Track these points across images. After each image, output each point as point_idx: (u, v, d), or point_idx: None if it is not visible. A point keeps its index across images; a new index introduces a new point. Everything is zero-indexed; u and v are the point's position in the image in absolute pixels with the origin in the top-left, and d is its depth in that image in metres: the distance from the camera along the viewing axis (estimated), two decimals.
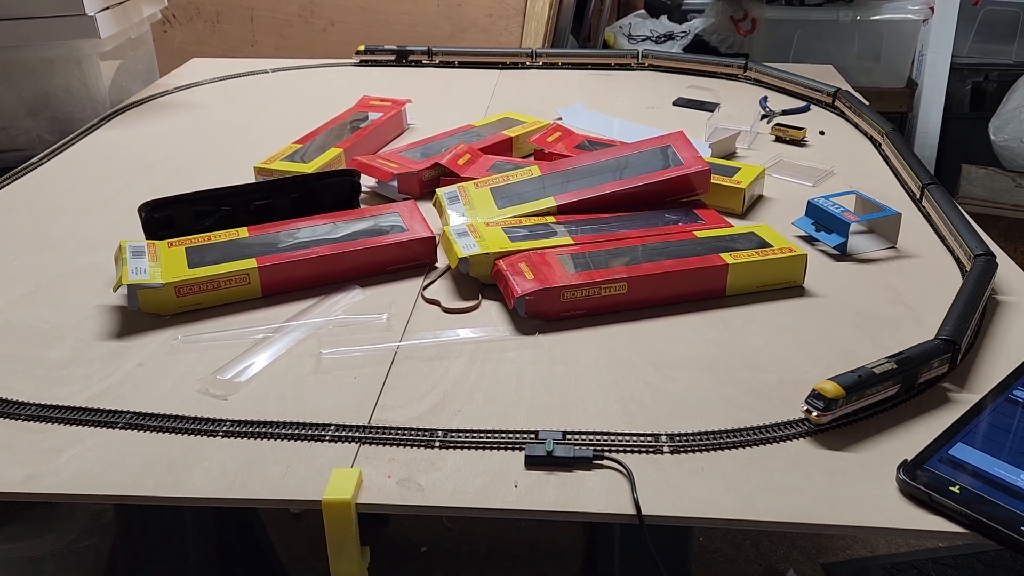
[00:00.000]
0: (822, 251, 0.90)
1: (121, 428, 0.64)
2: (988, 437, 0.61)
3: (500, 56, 1.57)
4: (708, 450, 0.61)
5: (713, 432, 0.62)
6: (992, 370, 0.69)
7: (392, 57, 1.56)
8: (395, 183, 1.02)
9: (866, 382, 0.62)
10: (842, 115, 1.07)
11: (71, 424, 0.64)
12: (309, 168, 1.02)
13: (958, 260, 0.87)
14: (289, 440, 0.62)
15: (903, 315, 0.78)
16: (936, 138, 2.15)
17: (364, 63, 1.58)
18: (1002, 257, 0.85)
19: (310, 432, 0.62)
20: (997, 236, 1.89)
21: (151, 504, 0.59)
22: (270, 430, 0.63)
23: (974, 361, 0.71)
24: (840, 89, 1.30)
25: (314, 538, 0.57)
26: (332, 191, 0.93)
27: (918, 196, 0.98)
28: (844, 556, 1.47)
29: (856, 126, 0.99)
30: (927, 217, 0.97)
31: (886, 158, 1.08)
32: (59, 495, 0.59)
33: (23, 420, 0.65)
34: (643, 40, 2.08)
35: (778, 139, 1.21)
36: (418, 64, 1.55)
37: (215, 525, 0.84)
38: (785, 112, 1.30)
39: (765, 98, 1.33)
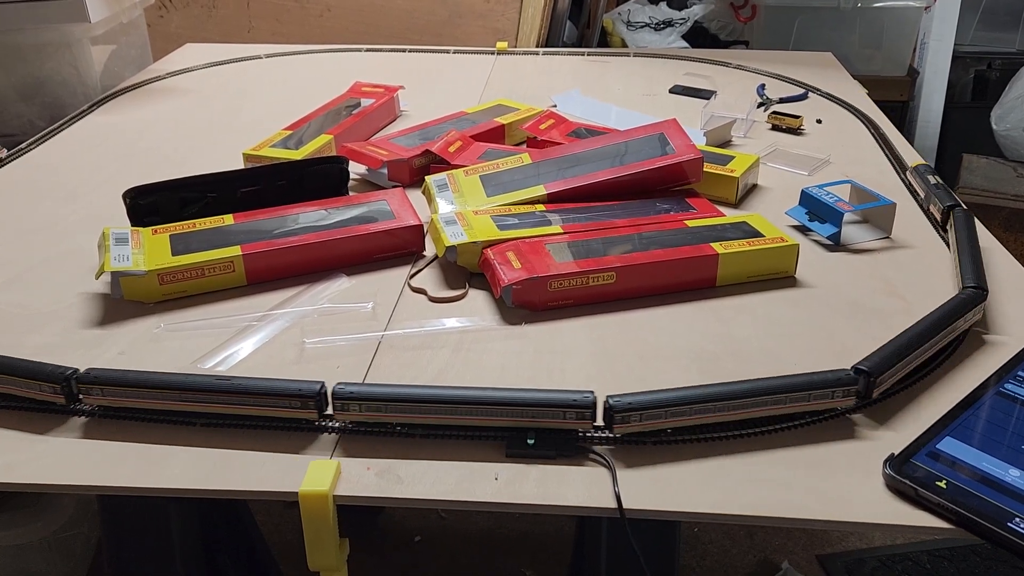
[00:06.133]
0: (815, 241, 0.89)
1: (100, 416, 0.63)
2: (977, 432, 0.60)
3: None
4: (692, 442, 0.60)
5: (697, 424, 0.61)
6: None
7: None
8: (385, 170, 1.01)
9: None
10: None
11: (50, 412, 0.63)
12: (298, 155, 1.01)
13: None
14: (269, 430, 0.61)
15: (895, 306, 0.77)
16: (937, 127, 2.13)
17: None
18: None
19: (290, 422, 0.61)
20: (997, 227, 1.88)
21: (131, 494, 0.58)
22: (250, 420, 0.62)
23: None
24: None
25: None
26: (320, 178, 0.92)
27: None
28: (839, 548, 1.46)
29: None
30: (922, 208, 0.96)
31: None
32: (37, 484, 0.58)
33: (1, 408, 0.64)
34: (641, 27, 2.06)
35: (774, 127, 1.20)
36: None
37: (199, 514, 0.84)
38: (782, 100, 1.28)
39: (762, 85, 1.31)
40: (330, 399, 0.61)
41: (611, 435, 0.60)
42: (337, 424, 0.61)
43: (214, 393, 0.61)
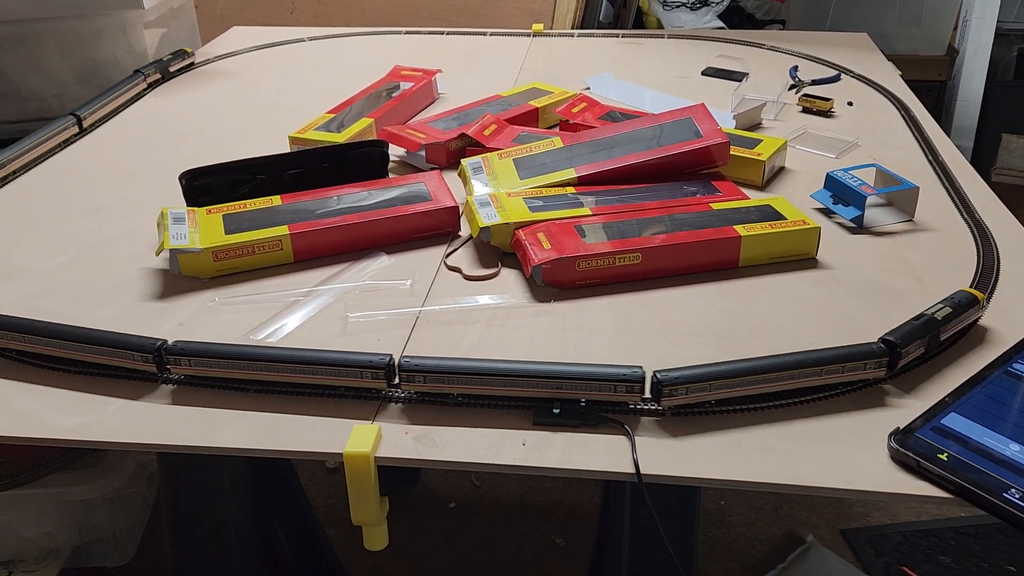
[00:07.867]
0: (839, 224, 0.91)
1: (163, 382, 0.69)
2: (982, 408, 0.63)
3: None
4: (708, 414, 0.64)
5: (713, 399, 0.65)
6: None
7: None
8: (423, 153, 1.05)
9: None
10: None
11: (118, 377, 0.69)
12: (341, 138, 1.06)
13: (975, 234, 0.88)
14: (316, 397, 0.67)
15: (914, 288, 0.79)
16: (977, 106, 2.11)
17: None
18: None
19: (335, 390, 0.67)
20: None
21: (190, 454, 0.64)
22: (299, 388, 0.67)
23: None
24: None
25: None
26: (361, 161, 0.97)
27: None
28: (864, 523, 1.49)
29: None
30: (948, 191, 0.98)
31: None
32: (106, 443, 0.64)
33: (74, 373, 0.70)
34: (677, 7, 2.06)
35: (805, 110, 1.22)
36: None
37: (251, 476, 0.90)
38: (814, 82, 1.29)
39: (795, 67, 1.32)
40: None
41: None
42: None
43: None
